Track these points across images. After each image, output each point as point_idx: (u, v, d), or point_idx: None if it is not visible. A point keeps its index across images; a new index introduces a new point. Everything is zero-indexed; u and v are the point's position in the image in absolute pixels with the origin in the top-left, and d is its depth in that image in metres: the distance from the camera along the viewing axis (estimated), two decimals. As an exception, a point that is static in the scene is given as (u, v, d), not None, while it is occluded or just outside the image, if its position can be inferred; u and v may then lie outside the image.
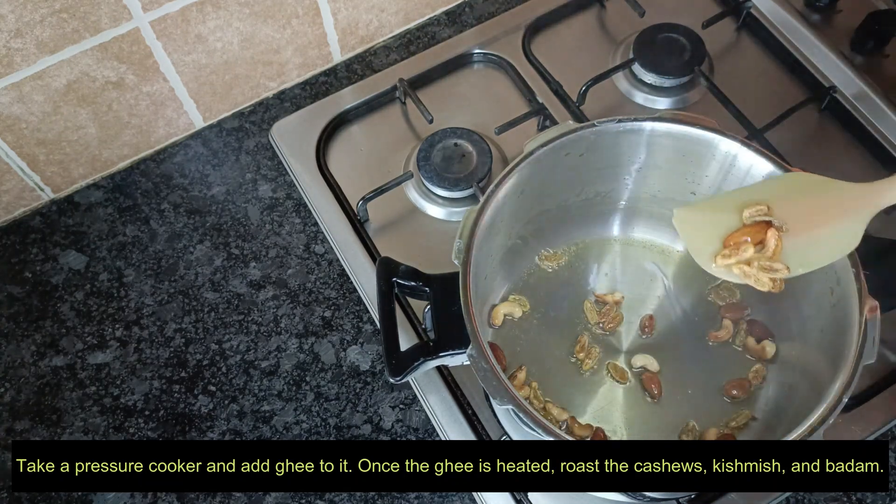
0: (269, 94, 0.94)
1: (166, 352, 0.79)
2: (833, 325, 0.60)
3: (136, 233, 0.86)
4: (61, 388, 0.78)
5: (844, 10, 0.93)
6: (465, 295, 0.62)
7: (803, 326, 0.69)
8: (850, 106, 0.87)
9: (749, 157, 0.68)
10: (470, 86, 0.93)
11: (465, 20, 0.98)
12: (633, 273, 0.79)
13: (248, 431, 0.76)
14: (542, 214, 0.75)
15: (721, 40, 0.94)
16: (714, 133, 0.68)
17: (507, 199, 0.68)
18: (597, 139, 0.69)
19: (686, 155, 0.71)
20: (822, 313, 0.65)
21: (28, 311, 0.82)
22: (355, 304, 0.81)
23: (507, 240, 0.74)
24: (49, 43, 0.74)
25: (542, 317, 0.77)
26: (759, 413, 0.70)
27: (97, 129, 0.84)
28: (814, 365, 0.65)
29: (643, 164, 0.73)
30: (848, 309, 0.59)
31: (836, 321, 0.59)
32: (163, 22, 0.78)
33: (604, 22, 0.97)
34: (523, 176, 0.68)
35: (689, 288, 0.78)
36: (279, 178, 0.88)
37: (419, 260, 0.70)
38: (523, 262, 0.78)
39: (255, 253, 0.84)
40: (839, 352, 0.60)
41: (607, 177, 0.75)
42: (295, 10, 0.86)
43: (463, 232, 0.65)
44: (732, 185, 0.71)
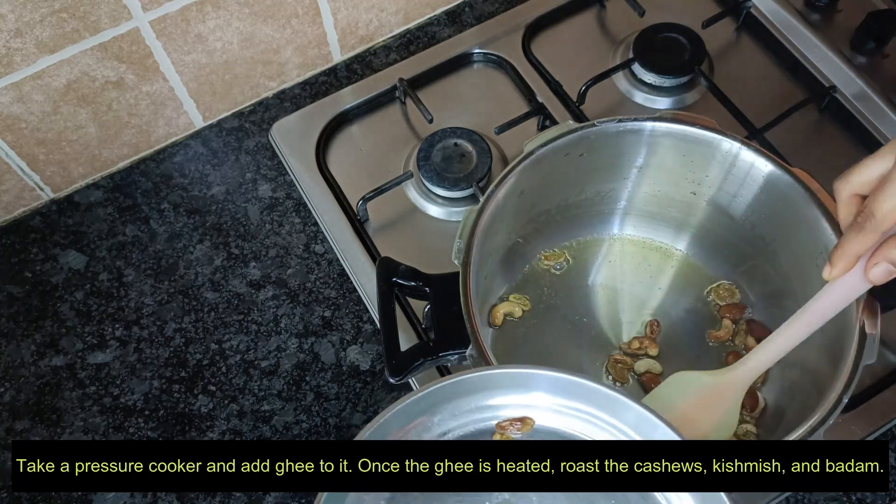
0: (268, 93, 0.94)
1: (166, 351, 0.79)
2: (833, 325, 0.60)
3: (135, 232, 0.86)
4: (61, 388, 0.78)
5: (844, 9, 0.93)
6: (465, 295, 0.62)
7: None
8: (850, 106, 0.87)
9: (750, 156, 0.68)
10: (470, 86, 0.93)
11: (465, 20, 0.98)
12: (633, 272, 0.79)
13: (248, 431, 0.76)
14: (543, 214, 0.75)
15: (721, 40, 0.94)
16: (714, 133, 0.68)
17: (507, 198, 0.68)
18: (597, 139, 0.69)
19: (686, 155, 0.71)
20: None
21: (28, 311, 0.82)
22: (355, 304, 0.81)
23: (508, 239, 0.74)
24: (49, 42, 0.74)
25: (542, 316, 0.77)
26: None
27: (97, 128, 0.84)
28: (814, 365, 0.65)
29: (643, 164, 0.73)
30: (848, 309, 0.59)
31: (836, 321, 0.59)
32: (162, 21, 0.78)
33: (604, 22, 0.97)
34: (523, 176, 0.68)
35: (690, 287, 0.78)
36: (279, 177, 0.88)
37: (419, 260, 0.70)
38: (523, 262, 0.78)
39: (255, 253, 0.84)
40: (839, 352, 0.60)
41: (607, 176, 0.75)
42: (295, 10, 0.86)
43: (463, 232, 0.65)
44: (733, 185, 0.71)
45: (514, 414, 0.55)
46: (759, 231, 0.72)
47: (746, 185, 0.70)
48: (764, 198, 0.69)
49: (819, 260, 0.65)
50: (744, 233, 0.73)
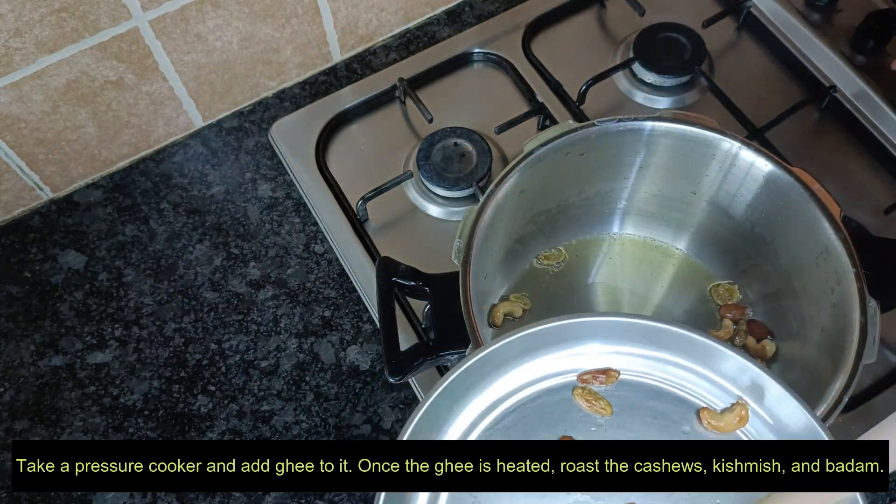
0: (268, 93, 0.94)
1: (166, 351, 0.79)
2: (833, 325, 0.60)
3: (135, 232, 0.86)
4: (60, 388, 0.78)
5: (844, 9, 0.93)
6: (464, 295, 0.62)
7: (803, 326, 0.69)
8: (851, 105, 0.87)
9: (750, 156, 0.68)
10: (470, 85, 0.93)
11: (465, 19, 0.98)
12: (633, 272, 0.78)
13: (248, 431, 0.76)
14: (543, 213, 0.75)
15: (721, 40, 0.94)
16: (714, 132, 0.68)
17: (507, 198, 0.68)
18: (597, 139, 0.69)
19: (686, 154, 0.71)
20: (822, 313, 0.65)
21: (27, 311, 0.82)
22: (355, 304, 0.81)
23: (508, 239, 0.74)
24: (48, 42, 0.74)
25: (543, 315, 0.76)
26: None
27: (96, 128, 0.84)
28: (814, 365, 0.65)
29: (643, 164, 0.73)
30: (848, 308, 0.59)
31: (836, 321, 0.59)
32: (162, 21, 0.78)
33: (604, 21, 0.97)
34: (523, 175, 0.68)
35: (690, 287, 0.78)
36: (279, 177, 0.88)
37: (419, 259, 0.70)
38: (524, 262, 0.78)
39: (255, 252, 0.84)
40: (839, 351, 0.60)
41: (608, 176, 0.75)
42: (294, 10, 0.85)
43: (463, 231, 0.65)
44: (733, 185, 0.71)
45: (597, 365, 0.52)
46: (759, 231, 0.72)
47: (746, 184, 0.70)
48: (764, 197, 0.69)
49: (819, 259, 0.65)
50: (744, 232, 0.73)
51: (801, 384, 0.67)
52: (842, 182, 0.84)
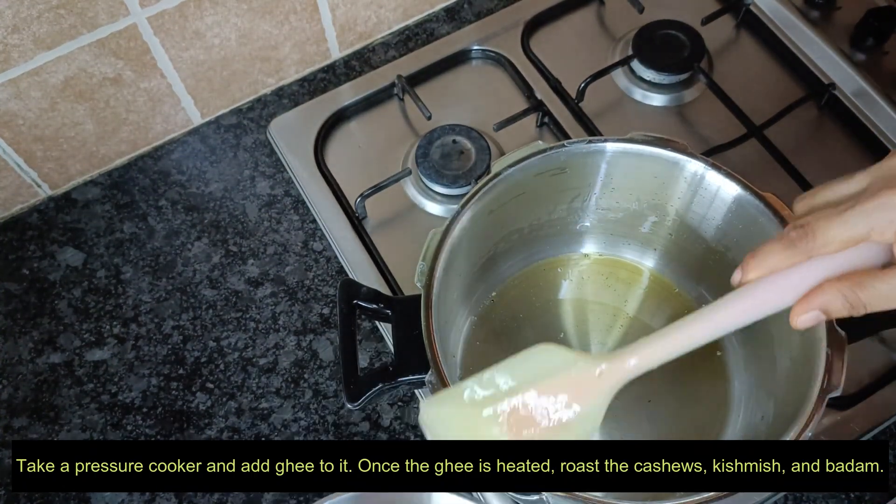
0: (267, 90, 0.93)
1: (164, 349, 0.79)
2: (801, 354, 0.58)
3: (133, 229, 0.85)
4: (59, 386, 0.78)
5: (844, 6, 0.93)
6: (426, 319, 0.60)
7: (773, 352, 0.68)
8: (850, 103, 0.87)
9: (717, 178, 0.66)
10: (468, 82, 0.93)
11: (464, 16, 0.97)
12: (603, 290, 0.78)
13: (247, 429, 0.76)
14: (515, 233, 0.74)
15: (720, 37, 0.94)
16: (681, 154, 0.67)
17: (476, 219, 0.66)
18: (567, 159, 0.68)
19: (656, 175, 0.70)
20: (792, 340, 0.63)
21: (25, 308, 0.81)
22: (354, 302, 0.81)
23: (478, 259, 0.73)
24: (46, 39, 0.73)
25: (513, 335, 0.76)
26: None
27: (94, 125, 0.83)
28: (782, 397, 0.63)
29: (614, 184, 0.72)
30: (816, 338, 0.57)
31: (804, 350, 0.58)
32: (160, 18, 0.78)
33: (603, 18, 0.96)
34: (493, 196, 0.67)
35: (662, 305, 0.77)
36: (277, 174, 0.88)
37: (417, 257, 0.70)
38: (493, 282, 0.77)
39: (253, 250, 0.84)
40: (806, 382, 0.58)
41: (578, 195, 0.74)
42: (293, 6, 0.85)
43: (427, 254, 0.63)
44: (701, 207, 0.70)
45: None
46: (732, 254, 0.71)
47: (715, 206, 0.69)
48: (733, 220, 0.68)
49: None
50: (714, 253, 0.72)
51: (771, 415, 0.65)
52: (840, 180, 0.84)
